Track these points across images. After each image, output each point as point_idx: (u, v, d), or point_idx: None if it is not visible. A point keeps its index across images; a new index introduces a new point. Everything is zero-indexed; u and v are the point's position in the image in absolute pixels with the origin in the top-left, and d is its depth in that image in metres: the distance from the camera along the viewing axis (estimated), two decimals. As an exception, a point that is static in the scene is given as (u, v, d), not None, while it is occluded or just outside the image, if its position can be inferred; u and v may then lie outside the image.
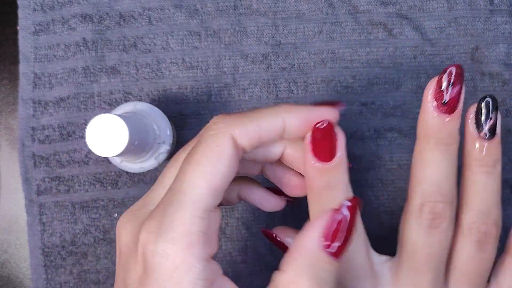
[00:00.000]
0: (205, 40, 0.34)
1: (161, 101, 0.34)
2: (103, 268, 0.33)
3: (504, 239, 0.33)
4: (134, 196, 0.34)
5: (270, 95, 0.34)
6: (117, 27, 0.35)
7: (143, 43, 0.34)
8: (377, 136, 0.34)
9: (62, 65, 0.34)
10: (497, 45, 0.35)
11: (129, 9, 0.35)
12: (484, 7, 0.35)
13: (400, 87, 0.34)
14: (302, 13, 0.35)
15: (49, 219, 0.34)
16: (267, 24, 0.35)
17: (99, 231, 0.34)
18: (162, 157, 0.30)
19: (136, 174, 0.34)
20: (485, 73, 0.34)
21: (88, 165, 0.34)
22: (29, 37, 0.35)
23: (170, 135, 0.30)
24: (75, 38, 0.34)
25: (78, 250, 0.33)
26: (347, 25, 0.35)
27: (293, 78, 0.34)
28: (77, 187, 0.34)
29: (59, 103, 0.34)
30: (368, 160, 0.34)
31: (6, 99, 0.36)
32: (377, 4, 0.35)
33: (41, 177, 0.34)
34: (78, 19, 0.35)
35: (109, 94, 0.34)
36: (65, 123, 0.34)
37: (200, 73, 0.34)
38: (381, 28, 0.35)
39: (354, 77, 0.34)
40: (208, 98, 0.34)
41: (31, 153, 0.34)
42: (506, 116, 0.34)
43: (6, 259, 0.35)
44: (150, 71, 0.34)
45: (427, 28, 0.35)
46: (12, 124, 0.36)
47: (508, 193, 0.34)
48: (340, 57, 0.34)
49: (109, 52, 0.34)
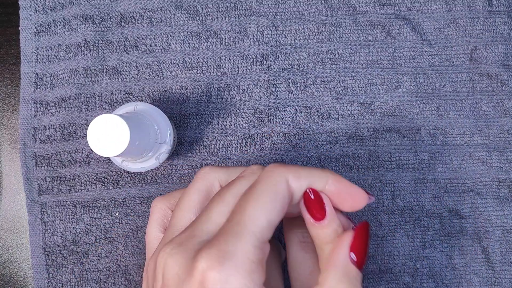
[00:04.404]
0: (205, 41, 0.35)
1: (162, 102, 0.34)
2: (104, 267, 0.34)
3: (504, 239, 0.34)
4: (135, 196, 0.34)
5: (270, 95, 0.34)
6: (118, 28, 0.35)
7: (144, 43, 0.35)
8: (376, 136, 0.34)
9: (64, 66, 0.35)
10: (496, 45, 0.35)
11: (130, 10, 0.35)
12: (483, 8, 0.35)
13: (399, 87, 0.34)
14: (302, 14, 0.35)
15: (51, 219, 0.34)
16: (267, 25, 0.35)
17: (100, 231, 0.34)
18: (163, 157, 0.30)
19: (137, 174, 0.34)
20: (484, 74, 0.35)
21: (89, 165, 0.34)
22: (30, 37, 0.35)
23: (171, 135, 0.30)
24: (76, 39, 0.35)
25: (79, 249, 0.34)
26: (346, 26, 0.35)
27: (292, 78, 0.34)
28: (78, 186, 0.34)
29: (60, 103, 0.34)
30: (367, 160, 0.34)
31: (7, 99, 0.36)
32: (376, 5, 0.35)
33: (43, 177, 0.34)
34: (79, 20, 0.35)
35: (110, 94, 0.34)
36: (66, 123, 0.34)
37: (200, 74, 0.34)
38: (380, 29, 0.35)
39: (353, 78, 0.34)
40: (209, 98, 0.34)
41: (33, 153, 0.34)
42: (505, 116, 0.34)
43: (8, 259, 0.35)
44: (151, 72, 0.35)
45: (426, 29, 0.35)
46: (13, 124, 0.36)
47: (507, 193, 0.34)
48: (340, 58, 0.35)
49: (110, 53, 0.35)
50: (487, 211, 0.34)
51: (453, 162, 0.34)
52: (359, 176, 0.34)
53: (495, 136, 0.34)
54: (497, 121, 0.34)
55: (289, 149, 0.34)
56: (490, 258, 0.33)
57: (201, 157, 0.34)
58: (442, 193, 0.34)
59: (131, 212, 0.34)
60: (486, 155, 0.34)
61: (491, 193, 0.34)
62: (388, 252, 0.34)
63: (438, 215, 0.34)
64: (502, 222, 0.34)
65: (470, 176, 0.34)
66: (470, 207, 0.34)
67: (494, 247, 0.33)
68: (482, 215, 0.34)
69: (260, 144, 0.34)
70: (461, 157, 0.34)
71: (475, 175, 0.34)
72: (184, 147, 0.34)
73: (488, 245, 0.33)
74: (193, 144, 0.34)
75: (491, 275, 0.33)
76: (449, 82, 0.35)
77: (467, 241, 0.34)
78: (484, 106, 0.34)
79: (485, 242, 0.33)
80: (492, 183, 0.34)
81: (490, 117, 0.34)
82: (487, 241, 0.33)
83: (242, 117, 0.34)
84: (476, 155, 0.34)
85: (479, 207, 0.34)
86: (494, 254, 0.33)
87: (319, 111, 0.34)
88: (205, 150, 0.34)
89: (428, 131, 0.34)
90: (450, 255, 0.33)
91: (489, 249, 0.33)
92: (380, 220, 0.34)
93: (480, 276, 0.33)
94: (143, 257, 0.34)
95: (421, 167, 0.34)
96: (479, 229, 0.34)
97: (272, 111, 0.34)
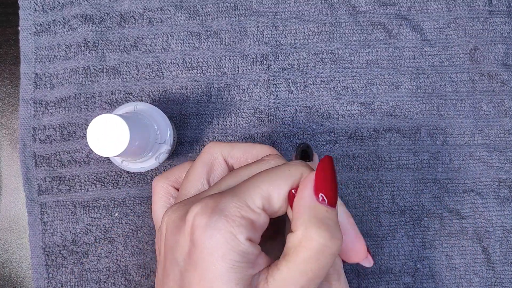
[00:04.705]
0: (205, 40, 0.35)
1: (162, 101, 0.34)
2: (104, 267, 0.33)
3: (505, 239, 0.34)
4: (135, 196, 0.34)
5: (270, 95, 0.34)
6: (117, 27, 0.35)
7: (144, 43, 0.35)
8: (376, 136, 0.34)
9: (63, 66, 0.35)
10: (496, 45, 0.35)
11: (129, 10, 0.35)
12: (483, 8, 0.35)
13: (399, 87, 0.34)
14: (302, 14, 0.35)
15: (50, 219, 0.34)
16: (267, 24, 0.35)
17: (100, 231, 0.34)
18: (163, 157, 0.30)
19: (137, 174, 0.34)
20: (484, 74, 0.35)
21: (89, 165, 0.34)
22: (30, 37, 0.35)
23: (171, 135, 0.30)
24: (76, 39, 0.35)
25: (79, 249, 0.34)
26: (346, 25, 0.35)
27: (292, 78, 0.34)
28: (78, 186, 0.34)
29: (60, 103, 0.34)
30: (367, 160, 0.34)
31: (7, 99, 0.36)
32: (376, 5, 0.35)
33: (42, 177, 0.34)
34: (79, 19, 0.35)
35: (110, 94, 0.34)
36: (66, 123, 0.34)
37: (200, 74, 0.34)
38: (381, 28, 0.35)
39: (354, 78, 0.34)
40: (209, 98, 0.34)
41: (32, 153, 0.34)
42: (505, 116, 0.34)
43: (7, 259, 0.35)
44: (151, 72, 0.34)
45: (426, 28, 0.35)
46: (13, 124, 0.36)
47: (507, 193, 0.34)
48: (340, 58, 0.35)
49: (110, 53, 0.35)
50: (487, 211, 0.34)
51: (453, 162, 0.34)
52: (359, 176, 0.34)
53: (496, 136, 0.34)
54: (497, 121, 0.34)
55: (289, 149, 0.34)
56: (491, 258, 0.33)
57: None
58: (443, 193, 0.34)
59: (130, 212, 0.34)
60: (486, 155, 0.34)
61: (491, 193, 0.34)
62: (389, 252, 0.34)
63: (439, 215, 0.34)
64: (502, 222, 0.34)
65: (470, 176, 0.34)
66: (470, 207, 0.34)
67: (494, 247, 0.33)
68: (482, 215, 0.34)
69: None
70: (461, 157, 0.34)
71: (476, 175, 0.34)
72: (184, 147, 0.34)
73: (488, 245, 0.33)
74: (193, 144, 0.34)
75: (491, 275, 0.33)
76: (450, 82, 0.34)
77: (467, 241, 0.33)
78: (485, 106, 0.34)
79: (486, 242, 0.33)
80: (493, 183, 0.34)
81: (491, 117, 0.34)
82: (487, 241, 0.33)
83: (242, 117, 0.34)
84: (477, 155, 0.34)
85: (479, 207, 0.34)
86: (495, 254, 0.33)
87: (319, 111, 0.34)
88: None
89: (429, 131, 0.34)
90: (451, 255, 0.33)
91: (489, 249, 0.33)
92: (381, 220, 0.34)
93: (481, 276, 0.33)
94: (143, 257, 0.34)
95: (422, 167, 0.34)
96: (480, 229, 0.34)
97: (272, 111, 0.34)
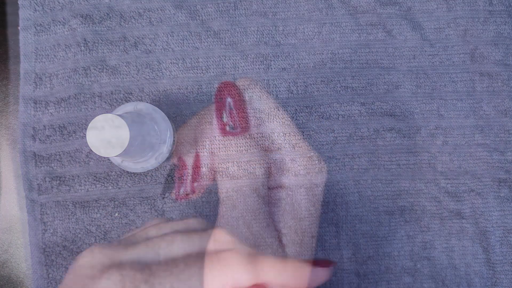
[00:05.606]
0: (205, 40, 0.35)
1: (162, 101, 0.34)
2: (103, 267, 0.33)
3: (505, 239, 0.34)
4: (134, 196, 0.34)
5: (270, 95, 0.34)
6: (117, 27, 0.35)
7: (144, 43, 0.35)
8: (377, 136, 0.34)
9: (63, 66, 0.35)
10: (496, 45, 0.35)
11: (129, 9, 0.35)
12: (483, 8, 0.35)
13: (399, 87, 0.34)
14: (302, 14, 0.35)
15: (50, 219, 0.34)
16: (267, 24, 0.35)
17: (100, 231, 0.34)
18: (163, 157, 0.30)
19: (137, 174, 0.34)
20: (484, 74, 0.35)
21: (88, 165, 0.34)
22: (30, 37, 0.35)
23: (171, 135, 0.30)
24: (76, 39, 0.35)
25: (79, 249, 0.34)
26: (346, 25, 0.35)
27: (292, 78, 0.34)
28: (78, 187, 0.34)
29: (60, 103, 0.34)
30: (367, 160, 0.34)
31: (7, 99, 0.36)
32: (376, 4, 0.35)
33: (42, 177, 0.34)
34: (78, 19, 0.35)
35: (110, 94, 0.34)
36: (66, 123, 0.34)
37: (200, 74, 0.34)
38: (381, 28, 0.35)
39: (354, 78, 0.34)
40: (209, 98, 0.34)
41: (32, 153, 0.34)
42: (505, 116, 0.34)
43: (7, 259, 0.35)
44: (151, 72, 0.34)
45: (427, 28, 0.35)
46: (13, 124, 0.36)
47: (507, 193, 0.34)
48: (340, 58, 0.35)
49: (109, 53, 0.35)
50: (487, 211, 0.34)
51: (453, 162, 0.34)
52: (359, 176, 0.34)
53: (496, 136, 0.34)
54: (497, 121, 0.34)
55: (289, 149, 0.34)
56: (491, 259, 0.33)
57: (201, 157, 0.34)
58: (443, 193, 0.34)
59: (130, 212, 0.34)
60: (486, 155, 0.34)
61: (491, 193, 0.34)
62: (389, 252, 0.34)
63: (439, 215, 0.34)
64: (502, 222, 0.34)
65: (470, 176, 0.34)
66: (470, 207, 0.34)
67: (494, 247, 0.33)
68: (482, 215, 0.34)
69: (260, 144, 0.34)
70: (461, 157, 0.34)
71: (476, 175, 0.34)
72: (184, 147, 0.34)
73: (488, 245, 0.33)
74: (193, 144, 0.34)
75: (491, 275, 0.33)
76: (450, 82, 0.34)
77: (467, 241, 0.33)
78: (485, 106, 0.34)
79: (486, 242, 0.33)
80: (493, 183, 0.34)
81: (491, 117, 0.34)
82: (487, 241, 0.33)
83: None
84: (477, 155, 0.34)
85: (479, 207, 0.34)
86: (495, 254, 0.33)
87: (319, 111, 0.34)
88: (205, 150, 0.34)
89: (429, 131, 0.34)
90: (451, 255, 0.33)
91: (489, 249, 0.33)
92: (381, 220, 0.34)
93: (481, 277, 0.33)
94: (142, 258, 0.34)
95: (422, 167, 0.34)
96: (480, 229, 0.34)
97: (272, 111, 0.34)
